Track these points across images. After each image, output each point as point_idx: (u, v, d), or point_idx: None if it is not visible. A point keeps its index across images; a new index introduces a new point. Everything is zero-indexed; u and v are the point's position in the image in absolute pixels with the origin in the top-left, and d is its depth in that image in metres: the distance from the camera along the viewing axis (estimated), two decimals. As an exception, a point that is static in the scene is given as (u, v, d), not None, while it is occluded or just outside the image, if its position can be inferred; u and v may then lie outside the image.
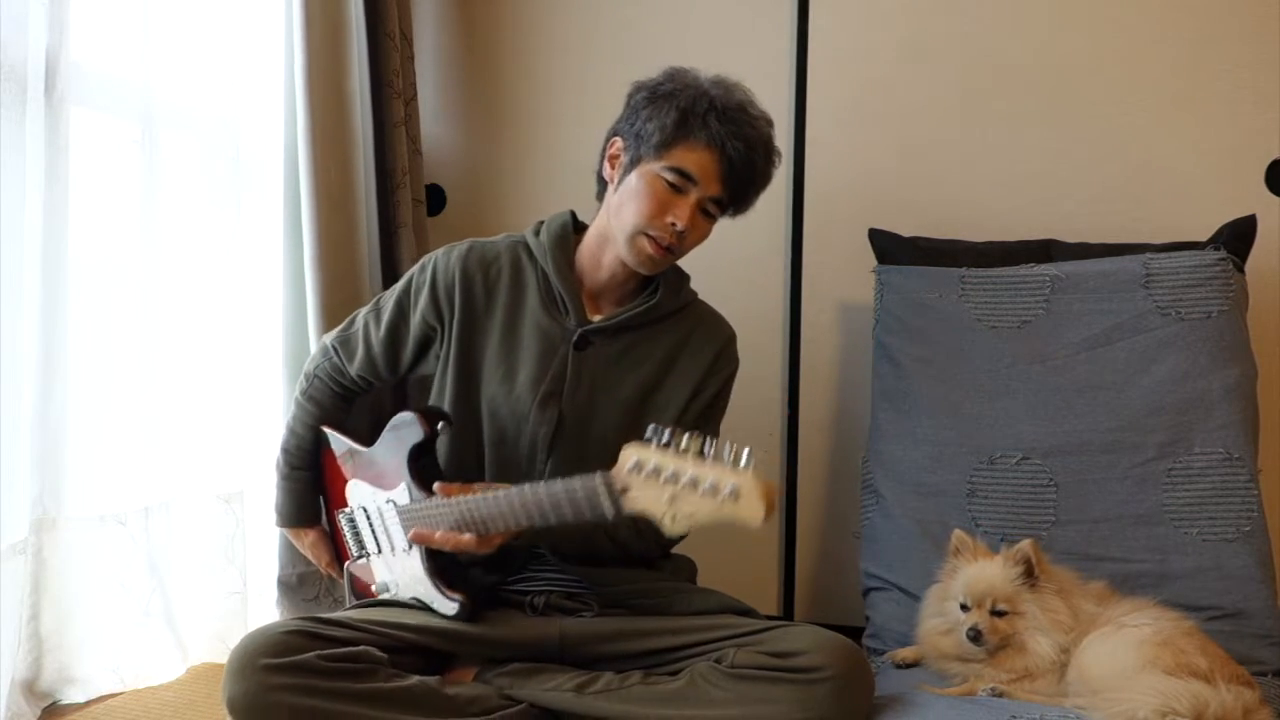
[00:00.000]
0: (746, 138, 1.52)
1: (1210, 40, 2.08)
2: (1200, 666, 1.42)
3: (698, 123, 1.51)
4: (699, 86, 1.54)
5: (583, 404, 1.58)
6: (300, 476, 1.74)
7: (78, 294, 1.65)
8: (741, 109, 1.54)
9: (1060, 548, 1.77)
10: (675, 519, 1.18)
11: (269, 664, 1.29)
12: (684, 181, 1.52)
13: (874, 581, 1.90)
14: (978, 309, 1.96)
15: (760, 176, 1.58)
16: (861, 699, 1.40)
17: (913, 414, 1.94)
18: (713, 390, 1.66)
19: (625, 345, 1.62)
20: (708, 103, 1.52)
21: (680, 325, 1.66)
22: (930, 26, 2.20)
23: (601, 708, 1.40)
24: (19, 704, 1.57)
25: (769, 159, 1.58)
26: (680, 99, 1.52)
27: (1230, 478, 1.78)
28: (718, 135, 1.51)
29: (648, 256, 1.56)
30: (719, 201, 1.56)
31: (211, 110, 1.91)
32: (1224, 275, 1.86)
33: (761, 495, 1.12)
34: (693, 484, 1.16)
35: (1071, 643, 1.53)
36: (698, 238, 1.59)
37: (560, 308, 1.61)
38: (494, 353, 1.61)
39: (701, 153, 1.52)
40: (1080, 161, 2.15)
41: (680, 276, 1.70)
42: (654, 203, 1.53)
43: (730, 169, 1.53)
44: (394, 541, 1.57)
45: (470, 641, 1.48)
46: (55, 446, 1.61)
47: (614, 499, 1.24)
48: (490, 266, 1.64)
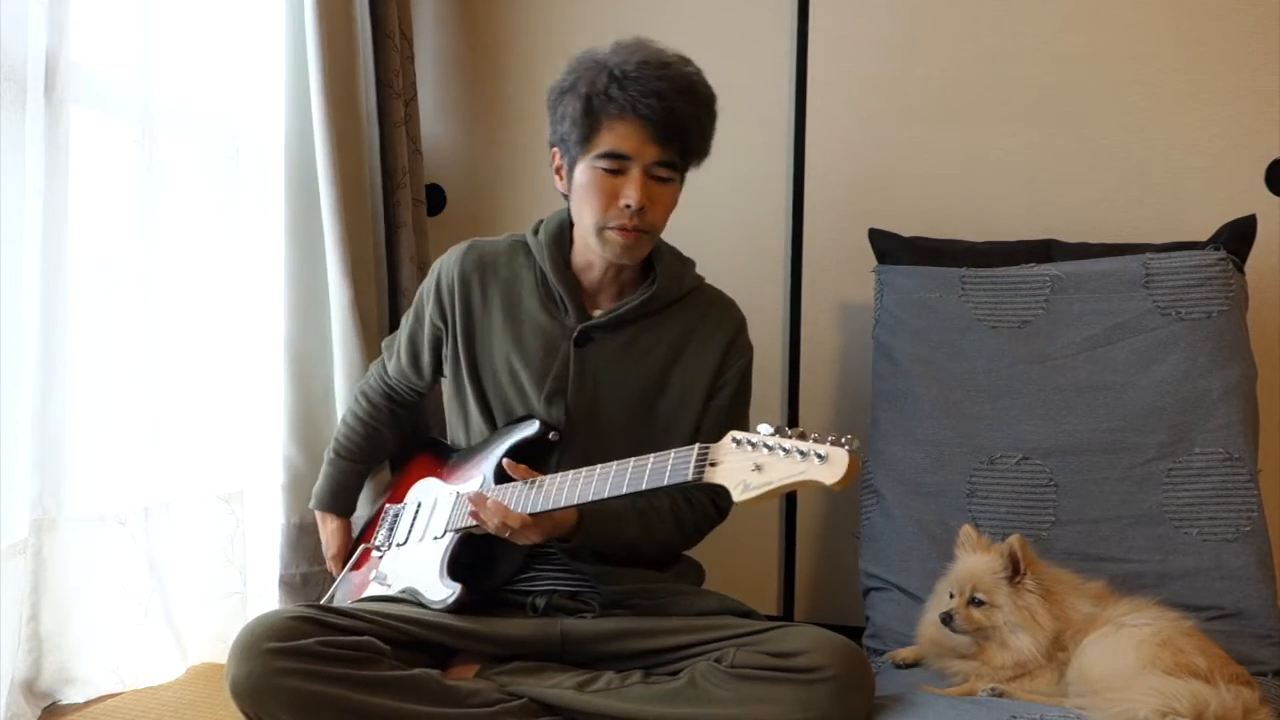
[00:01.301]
0: (657, 91, 1.47)
1: (1210, 40, 2.08)
2: (1200, 666, 1.42)
3: (603, 101, 1.48)
4: (595, 64, 1.51)
5: (589, 400, 1.59)
6: (341, 465, 1.79)
7: (77, 294, 1.65)
8: (643, 65, 1.49)
9: (1060, 548, 1.77)
10: (748, 488, 1.22)
11: (274, 648, 1.30)
12: (618, 162, 1.50)
13: (874, 581, 1.90)
14: (978, 309, 1.96)
15: (690, 119, 1.51)
16: (862, 699, 1.40)
17: (912, 414, 1.94)
18: (731, 389, 1.65)
19: (628, 338, 1.61)
20: (606, 76, 1.48)
21: (685, 312, 1.64)
22: (930, 26, 2.20)
23: (601, 705, 1.40)
24: (19, 704, 1.57)
25: (692, 98, 1.52)
26: (581, 86, 1.50)
27: (1230, 478, 1.78)
28: (626, 102, 1.47)
29: (621, 246, 1.54)
30: (665, 163, 1.52)
31: (211, 110, 1.91)
32: (1224, 275, 1.86)
33: (848, 464, 1.17)
34: (784, 451, 1.21)
35: (1067, 641, 1.53)
36: (664, 205, 1.55)
37: (559, 306, 1.61)
38: (498, 352, 1.62)
39: (621, 127, 1.48)
40: (1080, 161, 2.14)
41: (680, 262, 1.67)
42: (600, 194, 1.51)
43: (655, 127, 1.48)
44: (428, 529, 1.59)
45: (472, 638, 1.49)
46: (55, 446, 1.61)
47: (700, 465, 1.28)
48: (487, 267, 1.65)
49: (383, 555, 1.66)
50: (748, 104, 2.26)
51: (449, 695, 1.38)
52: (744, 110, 2.28)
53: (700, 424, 1.62)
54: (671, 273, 1.64)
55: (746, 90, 2.26)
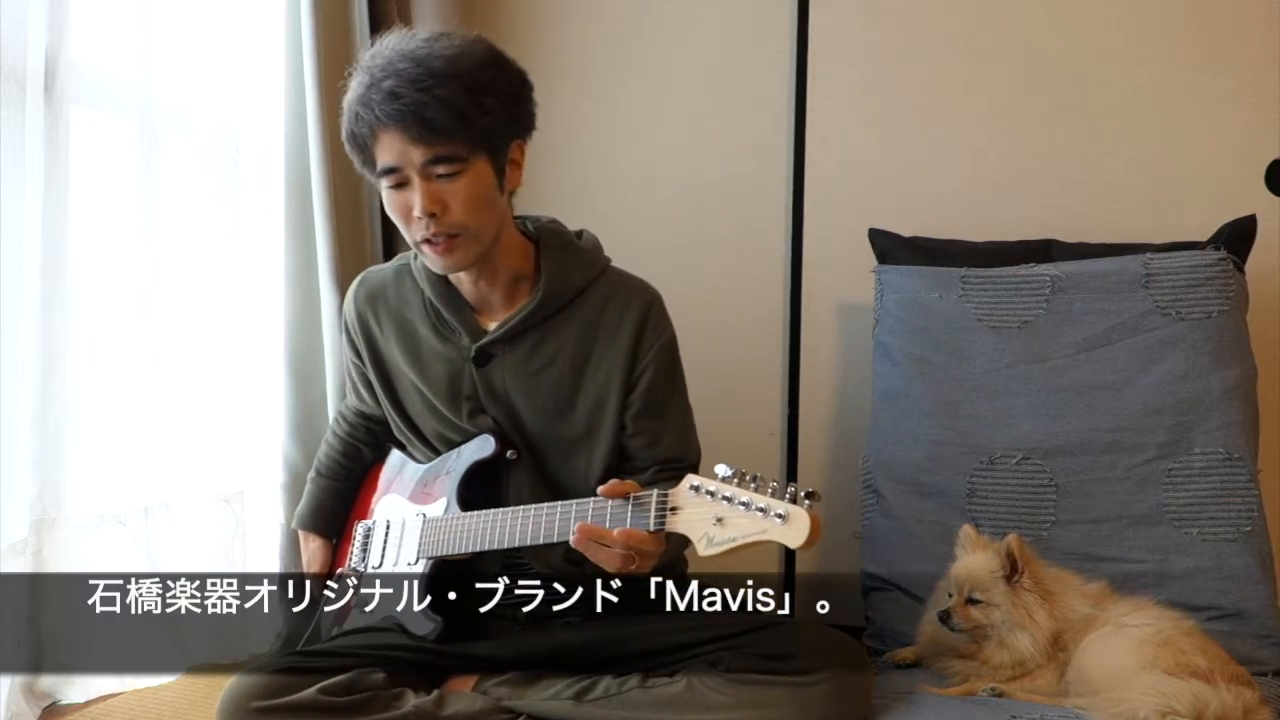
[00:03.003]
0: (393, 91, 1.35)
1: (1210, 40, 2.08)
2: (1200, 666, 1.42)
3: (357, 123, 1.40)
4: (358, 72, 1.42)
5: (507, 413, 1.53)
6: (322, 484, 1.73)
7: (77, 294, 1.64)
8: (386, 66, 1.37)
9: (1060, 548, 1.77)
10: (712, 541, 1.20)
11: (260, 706, 1.30)
12: (394, 175, 1.39)
13: (874, 581, 1.90)
14: (978, 309, 1.96)
15: (441, 103, 1.35)
16: (862, 699, 1.40)
17: (912, 414, 1.94)
18: (650, 375, 1.53)
19: (529, 348, 1.52)
20: (353, 97, 1.40)
21: (584, 308, 1.53)
22: (930, 26, 2.20)
23: (601, 716, 1.40)
24: (19, 704, 1.57)
25: (437, 80, 1.35)
26: (347, 108, 1.42)
27: (1230, 478, 1.78)
28: (372, 118, 1.37)
29: (437, 259, 1.44)
30: (440, 159, 1.37)
31: (211, 110, 1.90)
32: (1224, 275, 1.86)
33: (809, 524, 1.16)
34: (745, 506, 1.19)
35: (1067, 641, 1.53)
36: (463, 200, 1.40)
37: (450, 328, 1.54)
38: (408, 383, 1.57)
39: (384, 141, 1.38)
40: (1080, 161, 2.14)
41: (568, 256, 1.54)
42: (397, 212, 1.43)
43: (407, 128, 1.35)
44: (400, 554, 1.55)
45: (463, 657, 1.48)
46: (55, 447, 1.61)
47: (660, 514, 1.24)
48: (377, 299, 1.59)
49: (360, 577, 1.62)
50: (748, 104, 2.26)
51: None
52: (744, 110, 2.28)
53: (623, 421, 1.53)
54: (558, 270, 1.52)
55: (746, 90, 2.26)
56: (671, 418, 1.56)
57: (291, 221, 1.98)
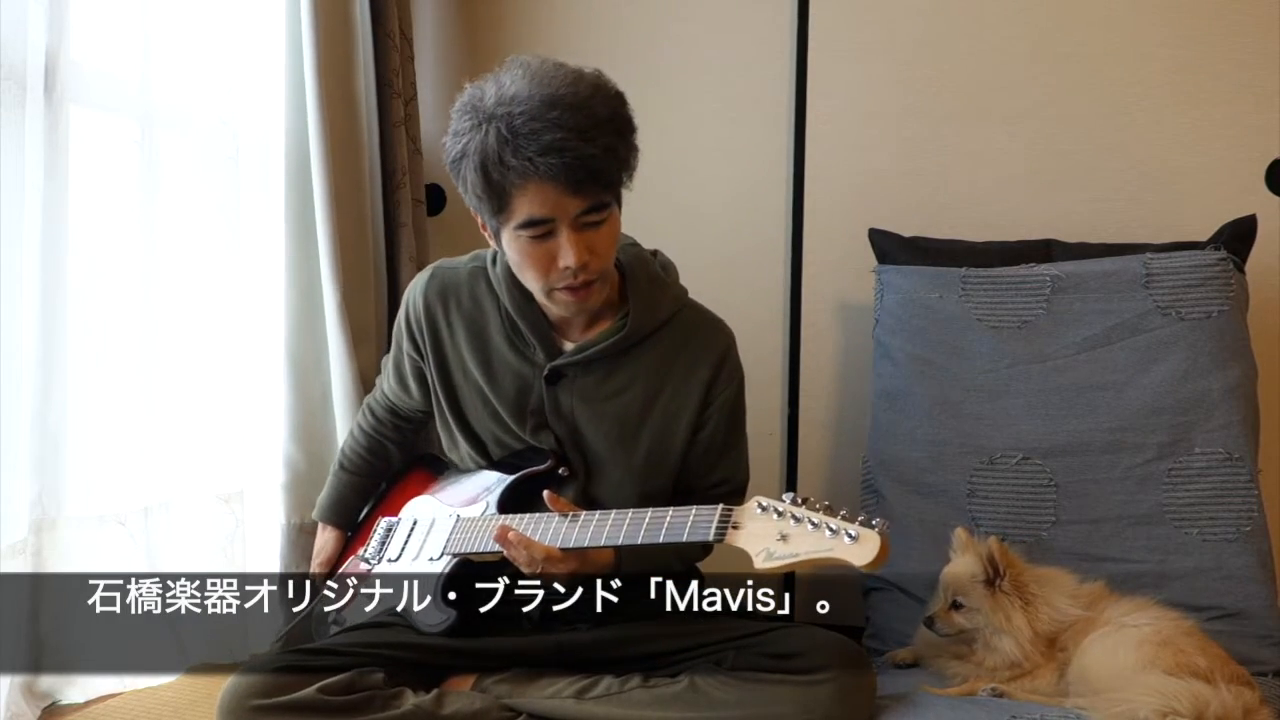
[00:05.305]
0: (555, 145, 1.28)
1: (1210, 40, 2.08)
2: (1200, 666, 1.42)
3: (501, 171, 1.31)
4: (481, 119, 1.33)
5: (571, 431, 1.54)
6: (343, 478, 1.75)
7: (77, 294, 1.64)
8: (531, 117, 1.30)
9: (1060, 548, 1.77)
10: (772, 555, 1.20)
11: (259, 705, 1.30)
12: (542, 227, 1.35)
13: (874, 581, 1.90)
14: (978, 309, 1.96)
15: (603, 156, 1.32)
16: (863, 700, 1.40)
17: (913, 414, 1.94)
18: (717, 420, 1.55)
19: (601, 375, 1.52)
20: (495, 138, 1.31)
21: (663, 344, 1.53)
22: (930, 26, 2.20)
23: (602, 715, 1.40)
24: (19, 704, 1.57)
25: (597, 131, 1.31)
26: (473, 155, 1.33)
27: (1230, 478, 1.78)
28: (528, 168, 1.30)
29: (575, 304, 1.44)
30: (592, 208, 1.35)
31: (211, 110, 1.90)
32: (1224, 275, 1.86)
33: (879, 544, 1.16)
34: (814, 525, 1.20)
35: (1066, 641, 1.53)
36: (606, 246, 1.40)
37: (527, 344, 1.53)
38: (473, 386, 1.57)
39: (531, 191, 1.32)
40: (1080, 161, 2.14)
41: (654, 291, 1.54)
42: (535, 263, 1.39)
43: (567, 182, 1.31)
44: (424, 549, 1.55)
45: (466, 655, 1.48)
46: (55, 447, 1.61)
47: (722, 528, 1.25)
48: (450, 295, 1.56)
49: (371, 567, 1.64)
50: (748, 104, 2.26)
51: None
52: (744, 110, 2.28)
53: (686, 458, 1.55)
54: (646, 304, 1.52)
55: (746, 90, 2.26)
56: (730, 454, 1.60)
57: (292, 221, 1.98)
